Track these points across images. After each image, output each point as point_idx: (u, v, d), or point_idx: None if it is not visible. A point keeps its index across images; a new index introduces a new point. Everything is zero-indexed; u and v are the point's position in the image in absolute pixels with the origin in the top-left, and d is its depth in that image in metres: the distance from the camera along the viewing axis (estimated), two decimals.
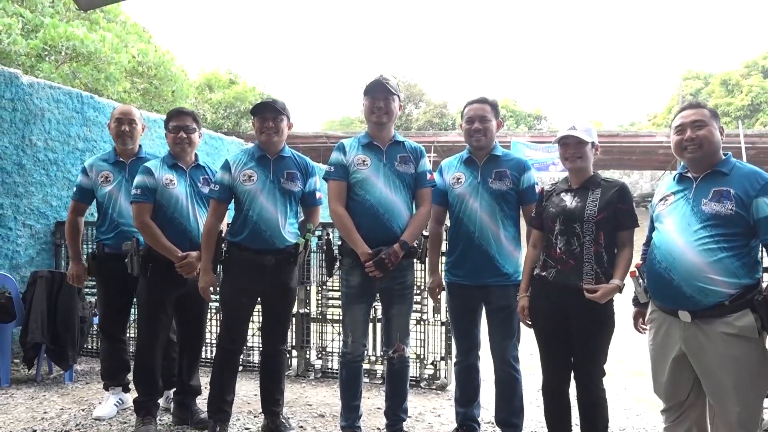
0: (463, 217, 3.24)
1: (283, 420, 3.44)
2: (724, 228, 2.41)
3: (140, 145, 3.89)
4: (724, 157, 2.57)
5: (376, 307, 4.11)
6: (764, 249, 2.48)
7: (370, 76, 3.24)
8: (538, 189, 3.21)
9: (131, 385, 3.76)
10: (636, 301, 2.85)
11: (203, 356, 4.17)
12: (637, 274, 2.76)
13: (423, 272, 4.54)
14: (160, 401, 3.67)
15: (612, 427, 3.72)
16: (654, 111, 41.35)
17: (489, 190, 3.21)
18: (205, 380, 3.63)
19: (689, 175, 2.62)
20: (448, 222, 3.47)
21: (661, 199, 2.71)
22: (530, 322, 3.04)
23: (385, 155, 3.22)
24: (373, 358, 4.65)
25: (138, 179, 3.44)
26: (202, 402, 3.59)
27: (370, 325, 4.51)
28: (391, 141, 3.26)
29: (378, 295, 3.31)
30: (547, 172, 17.34)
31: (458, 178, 3.29)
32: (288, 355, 4.80)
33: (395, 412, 3.30)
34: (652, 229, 2.75)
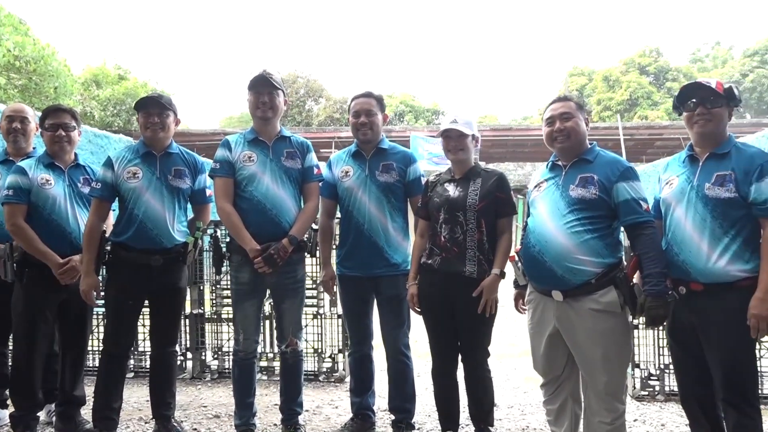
0: (353, 209, 3.29)
1: (175, 424, 3.35)
2: (590, 211, 2.59)
3: (34, 147, 3.63)
4: (589, 146, 2.76)
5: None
6: (624, 230, 2.69)
7: (256, 70, 3.17)
8: (424, 180, 3.32)
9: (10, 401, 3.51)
10: (516, 284, 3.00)
11: (88, 364, 3.97)
12: (516, 258, 2.91)
13: (318, 266, 4.57)
14: (41, 414, 3.46)
15: (501, 405, 3.93)
16: (544, 105, 43.35)
17: (377, 182, 3.28)
18: (90, 390, 3.46)
19: (559, 163, 2.80)
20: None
21: (535, 186, 2.88)
22: (419, 309, 3.14)
23: (271, 151, 3.20)
24: (270, 355, 4.61)
25: (10, 179, 3.22)
26: (87, 413, 3.42)
27: (268, 322, 4.51)
28: (277, 136, 3.25)
29: (269, 290, 3.29)
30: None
31: (347, 172, 3.33)
32: (183, 358, 4.69)
33: (290, 407, 3.30)
34: (528, 214, 2.91)
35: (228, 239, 3.26)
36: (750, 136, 9.77)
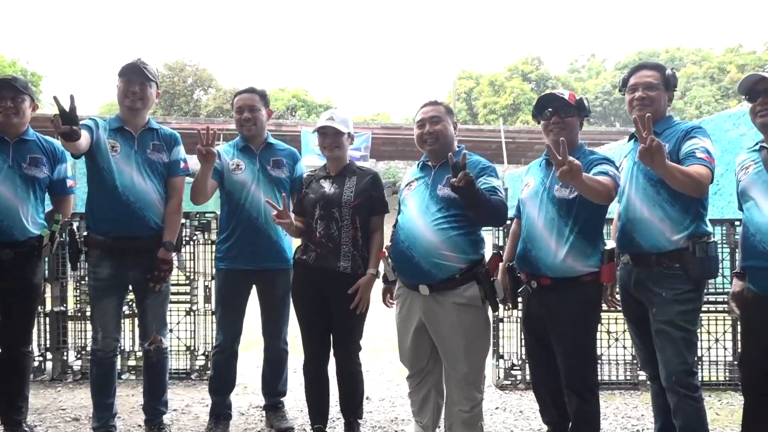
0: (245, 202, 3.24)
1: (26, 429, 3.14)
2: (455, 209, 2.71)
3: None
4: (457, 149, 2.88)
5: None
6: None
7: (130, 58, 3.03)
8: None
9: None
10: (385, 279, 3.09)
11: None
12: (387, 254, 2.99)
13: (193, 261, 4.45)
14: None
15: (373, 398, 4.03)
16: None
17: (269, 176, 3.29)
18: None
19: (429, 163, 2.91)
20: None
21: (406, 185, 2.98)
22: (296, 305, 3.16)
23: (136, 142, 3.08)
24: (140, 354, 4.42)
25: None
26: None
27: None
28: (144, 127, 3.13)
29: (131, 287, 3.16)
30: None
31: (238, 165, 3.29)
32: (43, 359, 4.39)
33: (154, 406, 3.20)
34: (400, 212, 2.99)
35: (86, 232, 3.10)
36: (614, 143, 10.65)
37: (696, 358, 4.04)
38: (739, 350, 2.80)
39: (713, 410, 3.81)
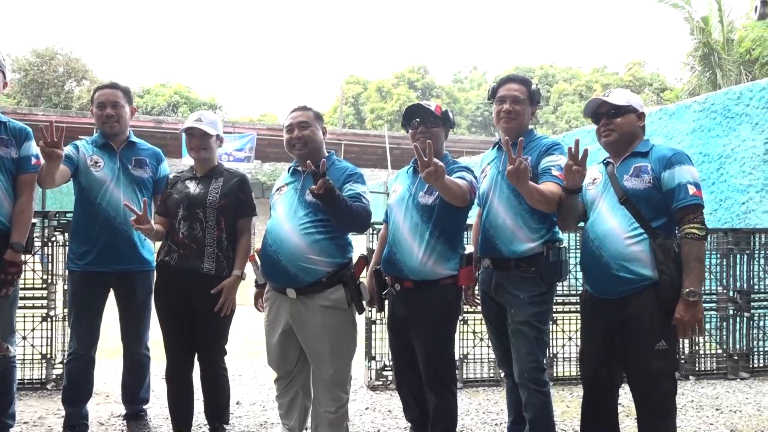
0: (102, 201, 3.12)
1: None
2: (323, 214, 2.74)
3: None
4: (327, 154, 2.93)
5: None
6: None
7: None
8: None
9: None
10: (256, 283, 3.08)
11: None
12: (256, 258, 2.98)
13: (51, 264, 4.18)
14: None
15: (244, 402, 3.99)
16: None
17: (130, 176, 3.20)
18: None
19: (299, 168, 2.93)
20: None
21: (277, 190, 2.99)
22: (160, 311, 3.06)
23: None
24: None
25: None
26: None
27: None
28: None
29: None
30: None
31: (96, 162, 3.16)
32: None
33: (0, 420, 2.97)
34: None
35: None
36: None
37: (548, 356, 4.41)
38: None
39: (564, 403, 4.14)
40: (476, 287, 3.08)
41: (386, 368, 4.46)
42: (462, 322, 4.42)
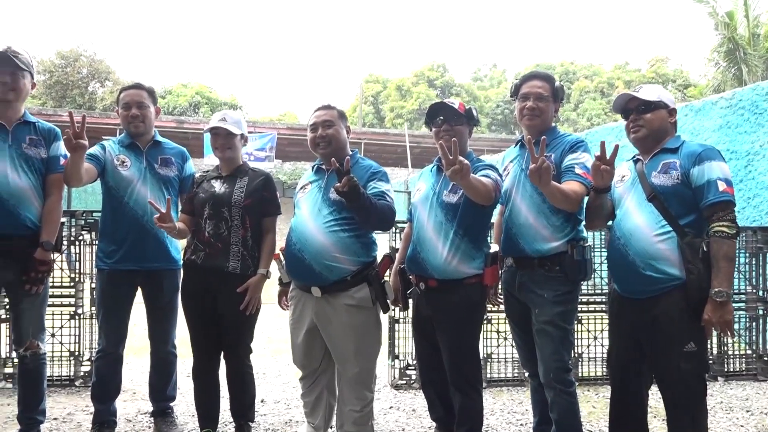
0: (129, 200, 3.14)
1: None
2: (347, 212, 2.74)
3: None
4: (351, 153, 2.93)
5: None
6: None
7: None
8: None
9: None
10: (280, 281, 3.09)
11: None
12: (280, 257, 3.00)
13: (78, 263, 4.24)
14: None
15: (268, 400, 4.01)
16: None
17: (157, 175, 3.23)
18: None
19: (323, 167, 2.94)
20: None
21: (301, 188, 3.00)
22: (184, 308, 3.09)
23: (10, 136, 2.88)
24: (17, 360, 4.15)
25: None
26: None
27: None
28: (19, 121, 2.93)
29: (4, 289, 2.97)
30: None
31: (123, 161, 3.18)
32: None
33: (30, 416, 3.00)
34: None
35: None
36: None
37: (573, 356, 4.37)
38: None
39: (590, 404, 4.09)
40: (499, 286, 3.05)
41: (410, 367, 4.44)
42: (486, 322, 4.39)
